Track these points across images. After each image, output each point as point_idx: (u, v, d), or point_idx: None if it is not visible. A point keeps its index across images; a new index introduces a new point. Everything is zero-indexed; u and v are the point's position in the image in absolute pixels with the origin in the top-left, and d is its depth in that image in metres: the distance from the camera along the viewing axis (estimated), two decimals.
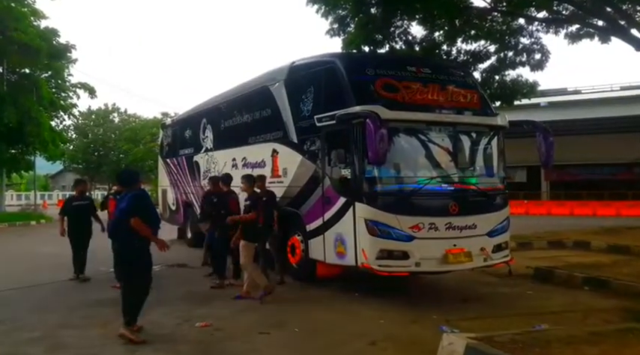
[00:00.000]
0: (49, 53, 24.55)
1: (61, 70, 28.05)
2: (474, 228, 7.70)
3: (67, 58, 27.37)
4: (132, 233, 5.76)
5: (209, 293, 8.24)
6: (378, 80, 7.76)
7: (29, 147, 26.83)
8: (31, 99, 24.32)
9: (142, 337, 5.73)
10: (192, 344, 5.58)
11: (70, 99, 32.54)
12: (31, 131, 24.62)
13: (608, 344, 4.91)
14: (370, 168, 7.33)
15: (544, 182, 36.47)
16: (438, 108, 7.82)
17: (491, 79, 17.66)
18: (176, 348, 5.42)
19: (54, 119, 31.38)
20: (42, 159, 30.51)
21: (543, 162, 8.12)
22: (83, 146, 55.81)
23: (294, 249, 9.03)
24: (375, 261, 7.21)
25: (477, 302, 7.82)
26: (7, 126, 23.59)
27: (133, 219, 5.73)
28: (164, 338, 5.82)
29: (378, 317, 6.77)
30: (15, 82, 24.38)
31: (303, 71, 9.13)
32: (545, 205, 32.50)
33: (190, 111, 14.98)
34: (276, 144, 9.69)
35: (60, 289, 8.84)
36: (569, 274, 9.32)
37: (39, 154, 28.93)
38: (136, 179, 6.39)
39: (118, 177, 7.00)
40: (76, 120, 53.65)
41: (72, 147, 54.73)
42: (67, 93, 31.45)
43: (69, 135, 53.40)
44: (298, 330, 6.16)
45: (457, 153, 8.14)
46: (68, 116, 32.40)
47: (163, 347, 5.47)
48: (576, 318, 6.80)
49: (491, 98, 17.35)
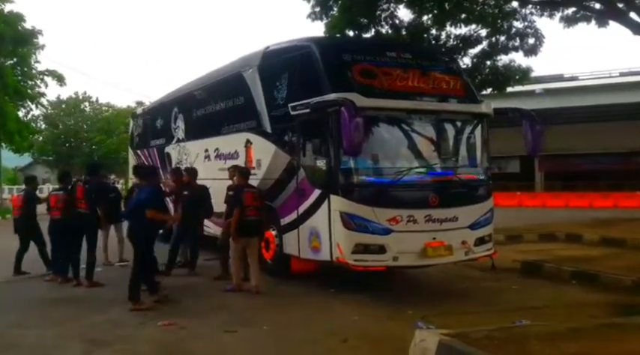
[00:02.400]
0: (14, 38, 24.16)
1: (27, 57, 27.64)
2: (455, 221, 7.76)
3: (33, 43, 26.95)
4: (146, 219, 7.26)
5: (181, 289, 8.22)
6: (355, 66, 7.77)
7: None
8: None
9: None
10: (153, 344, 5.59)
11: (38, 87, 32.12)
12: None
13: (588, 339, 5.00)
14: (346, 159, 7.35)
15: (538, 172, 36.73)
16: (418, 96, 7.86)
17: (483, 65, 17.74)
18: (136, 348, 5.43)
19: (20, 109, 30.93)
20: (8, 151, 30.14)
21: (530, 151, 8.21)
22: (53, 137, 55.04)
23: (269, 243, 9.05)
24: (351, 255, 7.25)
25: (458, 297, 7.92)
26: None
27: (148, 212, 7.21)
28: (125, 338, 5.81)
29: (353, 313, 6.84)
30: None
31: (277, 57, 9.11)
32: (540, 197, 32.75)
33: (162, 99, 14.88)
34: (250, 135, 9.67)
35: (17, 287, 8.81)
36: (557, 268, 9.47)
37: (4, 146, 28.53)
38: (153, 173, 8.45)
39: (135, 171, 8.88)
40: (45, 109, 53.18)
41: (41, 138, 54.07)
42: (35, 82, 30.95)
43: (38, 125, 52.94)
44: (267, 328, 6.20)
45: (438, 143, 8.19)
46: (36, 106, 31.90)
47: (123, 348, 5.47)
48: (560, 313, 6.90)
49: (483, 84, 17.47)
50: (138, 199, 7.63)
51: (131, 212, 7.71)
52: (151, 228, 7.58)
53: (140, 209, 7.37)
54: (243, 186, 8.28)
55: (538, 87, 31.69)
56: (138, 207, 7.46)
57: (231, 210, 8.18)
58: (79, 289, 8.44)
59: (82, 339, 5.73)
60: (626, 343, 4.83)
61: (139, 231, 7.40)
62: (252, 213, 8.11)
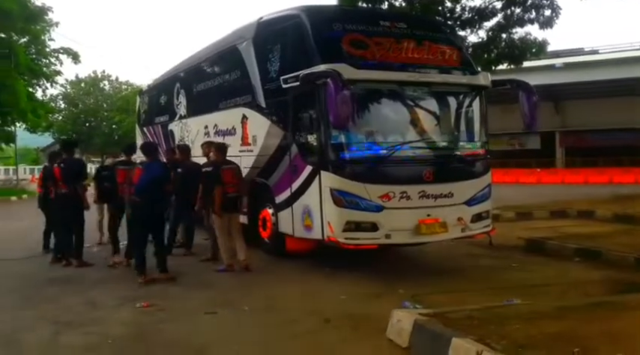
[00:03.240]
0: (24, 16, 24.18)
1: (39, 35, 27.70)
2: (451, 197, 7.53)
3: (44, 21, 26.98)
4: (164, 193, 7.71)
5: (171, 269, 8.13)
6: (346, 36, 7.50)
7: (6, 117, 26.66)
8: (6, 66, 24.04)
9: None
10: (126, 326, 5.47)
11: (54, 65, 32.29)
12: (6, 100, 24.41)
13: (572, 319, 4.79)
14: (336, 134, 7.14)
15: (559, 148, 36.00)
16: (412, 67, 7.55)
17: (498, 38, 17.26)
18: (107, 331, 5.31)
19: (35, 87, 31.21)
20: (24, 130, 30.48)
21: (527, 125, 7.88)
22: (73, 116, 55.66)
23: (265, 222, 8.92)
24: (342, 233, 7.07)
25: (454, 275, 7.72)
26: None
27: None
28: (99, 320, 5.72)
29: (342, 292, 6.68)
30: None
31: (270, 28, 8.86)
32: (559, 173, 32.13)
33: (165, 74, 14.73)
34: (246, 109, 9.49)
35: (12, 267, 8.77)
36: (561, 245, 9.21)
37: (19, 125, 28.83)
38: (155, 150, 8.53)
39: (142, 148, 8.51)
40: (65, 89, 53.77)
41: (61, 117, 54.71)
42: (49, 60, 31.11)
43: (57, 104, 53.55)
44: (248, 309, 6.06)
45: (433, 116, 7.95)
46: (51, 84, 32.02)
47: (93, 330, 5.34)
48: (556, 292, 6.68)
49: (499, 58, 17.02)
50: (152, 176, 7.58)
51: (145, 189, 7.52)
52: (165, 202, 8.02)
53: (157, 185, 7.54)
54: (221, 162, 8.16)
55: (558, 61, 30.93)
56: (154, 183, 7.53)
57: (211, 187, 8.03)
58: (67, 269, 8.40)
59: (55, 321, 5.65)
60: (611, 321, 4.62)
61: (154, 207, 7.52)
62: (231, 189, 8.05)
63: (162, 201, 7.79)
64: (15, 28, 25.15)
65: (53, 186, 8.72)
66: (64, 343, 5.06)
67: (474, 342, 4.12)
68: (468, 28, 17.38)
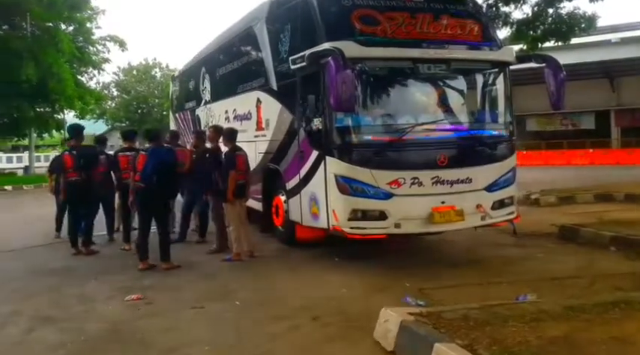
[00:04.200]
0: (68, 4, 24.61)
1: (84, 23, 28.20)
2: (469, 182, 6.98)
3: (89, 8, 27.45)
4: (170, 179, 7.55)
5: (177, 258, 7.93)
6: (355, 11, 6.99)
7: (54, 104, 27.35)
8: (53, 54, 24.54)
9: None
10: (106, 322, 5.26)
11: (102, 53, 32.89)
12: (54, 88, 24.98)
13: (580, 320, 4.28)
14: (341, 117, 6.71)
15: (614, 128, 34.02)
16: (426, 43, 6.98)
17: (544, 13, 16.27)
18: (82, 327, 5.12)
19: (84, 75, 31.90)
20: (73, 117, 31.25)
21: (553, 104, 7.18)
22: (125, 103, 56.84)
23: (278, 209, 8.62)
24: (347, 222, 6.67)
25: (472, 266, 7.20)
26: (30, 83, 23.93)
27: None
28: (79, 315, 5.55)
29: (345, 285, 6.30)
30: (35, 36, 24.56)
31: (281, 6, 8.43)
32: (613, 154, 30.33)
33: (193, 59, 14.56)
34: (260, 93, 9.17)
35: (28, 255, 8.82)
36: (596, 233, 8.46)
37: (68, 112, 29.59)
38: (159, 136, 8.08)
39: (147, 134, 8.12)
40: (117, 76, 55.00)
41: (114, 104, 56.01)
42: (96, 48, 31.70)
43: (110, 92, 54.90)
44: (240, 303, 5.76)
45: (450, 96, 7.39)
46: (98, 71, 32.66)
47: (70, 326, 5.16)
48: (578, 285, 6.10)
49: (545, 34, 16.03)
50: (157, 161, 7.41)
51: (150, 175, 7.35)
52: (173, 188, 7.92)
53: (163, 170, 7.37)
54: (234, 148, 7.91)
55: (614, 36, 29.09)
56: (160, 168, 7.36)
57: (225, 173, 7.78)
58: (76, 258, 8.39)
59: (35, 315, 5.53)
60: (623, 324, 4.10)
61: (159, 193, 7.40)
62: (242, 177, 7.84)
63: (168, 187, 7.59)
64: (61, 16, 25.64)
65: (63, 174, 8.67)
66: (32, 340, 4.89)
67: (459, 348, 3.68)
68: (512, 3, 16.48)
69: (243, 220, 7.98)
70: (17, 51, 23.04)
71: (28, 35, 24.62)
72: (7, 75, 23.62)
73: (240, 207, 7.97)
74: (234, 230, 7.86)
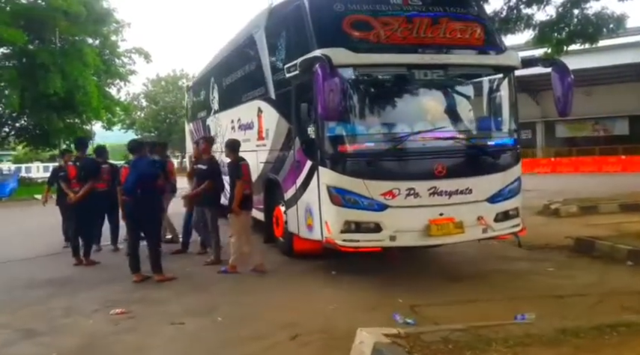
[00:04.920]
0: (93, 19, 25.05)
1: (109, 36, 28.68)
2: (469, 193, 6.63)
3: (115, 21, 27.92)
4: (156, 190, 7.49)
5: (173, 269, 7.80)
6: (347, 17, 6.73)
7: (82, 116, 27.87)
8: (79, 67, 25.00)
9: None
10: (81, 337, 5.14)
11: (128, 65, 33.38)
12: (80, 100, 25.45)
13: (570, 346, 3.94)
14: (333, 126, 6.46)
15: None
16: (422, 47, 6.70)
17: (570, 14, 15.70)
18: (57, 342, 5.00)
19: (111, 86, 32.43)
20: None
21: (560, 110, 6.78)
22: (153, 113, 57.73)
23: (278, 220, 8.40)
24: (339, 234, 6.40)
25: (474, 281, 6.85)
26: (58, 96, 24.43)
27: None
28: (60, 329, 5.46)
29: (335, 301, 6.03)
30: (62, 49, 25.08)
31: (278, 13, 8.26)
32: None
33: (203, 69, 14.52)
34: (261, 102, 8.99)
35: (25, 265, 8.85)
36: (613, 246, 7.98)
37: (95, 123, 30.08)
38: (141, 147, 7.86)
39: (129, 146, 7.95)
40: (146, 87, 55.97)
41: (142, 115, 56.93)
42: (122, 60, 32.18)
43: (139, 102, 55.87)
44: (221, 319, 5.55)
45: (448, 103, 7.06)
46: (124, 83, 33.15)
47: (46, 341, 5.06)
48: (584, 304, 5.72)
49: (571, 36, 15.44)
50: (138, 173, 7.30)
51: (133, 187, 7.28)
52: (157, 199, 7.77)
53: (144, 182, 7.26)
54: (238, 159, 7.72)
55: None
56: (143, 179, 7.27)
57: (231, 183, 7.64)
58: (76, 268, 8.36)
59: (18, 328, 5.46)
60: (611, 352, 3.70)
61: (145, 204, 7.27)
62: (247, 187, 7.62)
63: (151, 199, 7.42)
64: (86, 30, 26.12)
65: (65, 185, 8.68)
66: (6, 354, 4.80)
67: None
68: (535, 4, 15.96)
69: (248, 232, 7.80)
70: (45, 64, 23.56)
71: (57, 49, 25.12)
72: (36, 88, 24.17)
73: (245, 218, 7.76)
74: (236, 241, 7.65)
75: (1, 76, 25.71)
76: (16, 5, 25.16)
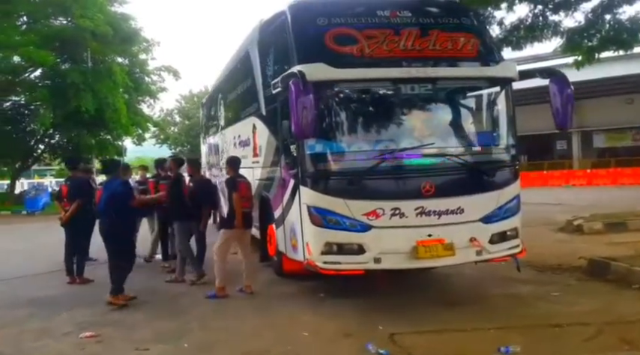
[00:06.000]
0: (120, 38, 25.56)
1: (136, 55, 29.23)
2: (460, 213, 6.22)
3: (139, 41, 28.46)
4: (127, 212, 7.26)
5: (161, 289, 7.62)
6: (330, 31, 6.45)
7: (112, 132, 28.44)
8: (109, 85, 25.53)
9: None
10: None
11: (159, 83, 33.94)
12: (110, 117, 25.97)
13: None
14: (312, 143, 6.17)
15: None
16: (408, 61, 6.36)
17: (601, 21, 15.01)
18: None
19: (141, 103, 32.99)
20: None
21: (558, 123, 6.31)
22: (186, 129, 58.59)
23: (271, 238, 8.16)
24: (320, 256, 6.08)
25: (468, 306, 6.42)
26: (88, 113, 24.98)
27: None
28: (23, 352, 5.41)
29: (311, 327, 5.73)
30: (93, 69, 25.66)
31: (267, 28, 8.05)
32: None
33: (213, 85, 14.49)
34: (255, 118, 8.80)
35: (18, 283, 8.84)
36: (629, 268, 7.39)
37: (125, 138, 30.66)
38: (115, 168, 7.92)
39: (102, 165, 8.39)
40: (179, 103, 57.00)
41: (176, 130, 57.88)
42: (151, 78, 32.72)
43: (173, 118, 56.88)
44: (188, 346, 5.33)
45: (438, 118, 6.69)
46: (154, 100, 33.67)
47: None
48: (582, 335, 5.28)
49: (602, 43, 14.76)
50: (112, 193, 7.16)
51: (105, 208, 7.18)
52: (131, 220, 7.73)
53: (116, 202, 7.09)
54: (236, 175, 7.54)
55: None
56: (115, 200, 7.10)
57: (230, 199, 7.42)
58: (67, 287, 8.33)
59: None
60: None
61: (117, 225, 7.11)
62: (246, 204, 7.40)
63: (125, 220, 7.25)
64: (115, 49, 26.67)
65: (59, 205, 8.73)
66: None
67: None
68: (562, 11, 15.33)
69: (248, 251, 7.61)
70: (75, 83, 24.18)
71: (88, 69, 25.74)
72: (67, 106, 24.78)
73: (244, 236, 7.55)
74: (219, 262, 7.39)
75: (35, 96, 26.42)
76: (50, 28, 25.91)
